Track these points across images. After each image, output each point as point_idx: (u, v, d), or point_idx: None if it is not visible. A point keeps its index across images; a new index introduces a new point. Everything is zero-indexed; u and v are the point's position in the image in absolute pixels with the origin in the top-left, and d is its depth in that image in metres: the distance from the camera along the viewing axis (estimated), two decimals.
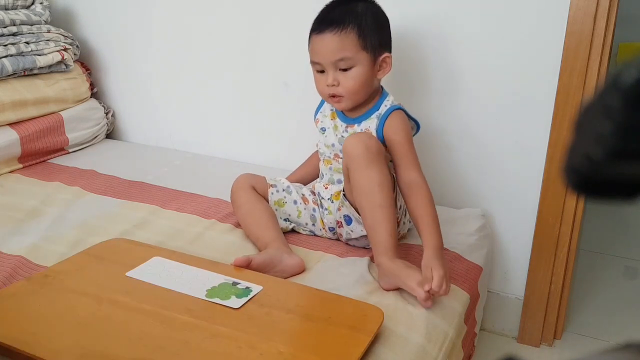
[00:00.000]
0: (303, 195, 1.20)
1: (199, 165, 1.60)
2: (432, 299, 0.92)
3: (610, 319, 1.51)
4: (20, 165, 1.56)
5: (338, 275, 1.05)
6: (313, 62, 1.09)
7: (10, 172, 1.53)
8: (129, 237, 1.13)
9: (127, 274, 0.93)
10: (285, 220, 1.19)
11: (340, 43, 1.04)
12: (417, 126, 1.16)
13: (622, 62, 0.28)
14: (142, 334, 0.79)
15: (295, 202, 1.19)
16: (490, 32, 1.26)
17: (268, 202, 1.19)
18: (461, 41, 1.30)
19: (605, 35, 1.16)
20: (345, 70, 1.06)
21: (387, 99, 1.12)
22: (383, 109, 1.11)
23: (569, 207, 1.28)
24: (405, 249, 1.15)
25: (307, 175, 1.28)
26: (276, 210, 1.18)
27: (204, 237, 1.18)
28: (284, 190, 1.20)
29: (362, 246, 1.16)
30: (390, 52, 1.12)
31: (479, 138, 1.34)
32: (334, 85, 1.07)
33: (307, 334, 0.80)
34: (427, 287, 0.90)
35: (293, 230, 1.21)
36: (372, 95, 1.12)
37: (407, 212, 1.15)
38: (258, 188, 1.20)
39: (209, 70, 1.65)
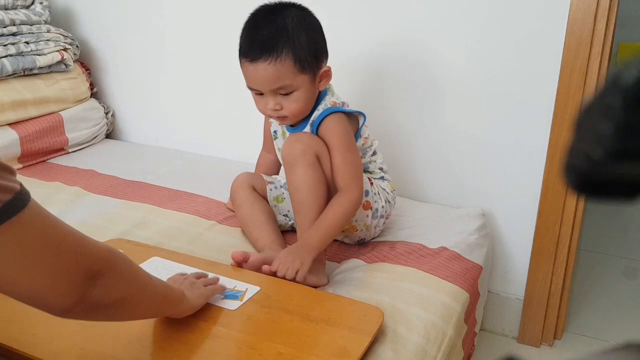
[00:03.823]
0: None
1: (199, 165, 1.60)
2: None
3: (610, 319, 1.51)
4: (20, 165, 1.56)
5: (337, 276, 1.05)
6: (250, 87, 1.04)
7: None
8: (129, 237, 1.13)
9: None
10: (284, 216, 1.19)
11: (276, 73, 0.98)
12: (364, 117, 1.12)
13: (622, 62, 0.28)
14: (142, 335, 0.79)
15: None
16: (491, 32, 1.26)
17: (267, 199, 1.19)
18: (462, 42, 1.30)
19: (605, 35, 1.16)
20: (286, 94, 1.01)
21: (321, 104, 1.07)
22: (316, 114, 1.07)
23: (570, 207, 1.28)
24: (380, 246, 1.16)
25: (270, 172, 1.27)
26: (275, 206, 1.18)
27: (204, 237, 1.18)
28: (281, 186, 1.20)
29: (354, 241, 1.16)
30: (327, 60, 1.06)
31: (479, 137, 1.34)
32: (276, 109, 1.03)
33: (307, 335, 0.80)
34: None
35: (293, 230, 1.21)
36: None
37: (385, 215, 1.15)
38: (257, 186, 1.20)
39: (208, 70, 1.65)
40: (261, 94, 1.03)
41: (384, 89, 1.41)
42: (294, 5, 1.04)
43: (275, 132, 1.17)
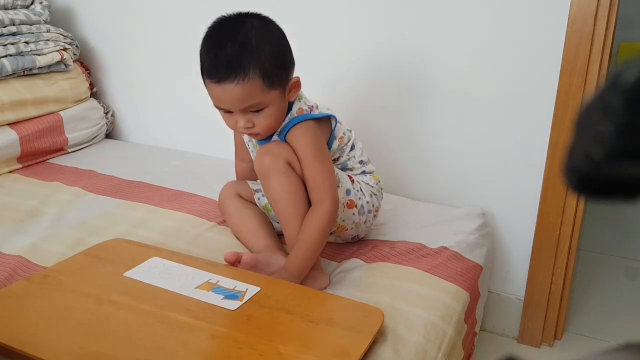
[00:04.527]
0: None
1: (199, 165, 1.60)
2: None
3: (610, 319, 1.51)
4: (20, 165, 1.55)
5: (337, 275, 1.05)
6: (217, 107, 1.01)
7: (10, 172, 1.53)
8: (129, 237, 1.13)
9: (125, 274, 0.93)
10: (277, 222, 1.18)
11: (244, 92, 0.94)
12: (335, 118, 1.09)
13: (622, 62, 0.28)
14: (142, 335, 0.79)
15: None
16: (491, 32, 1.26)
17: (257, 205, 1.19)
18: (462, 42, 1.30)
19: (605, 35, 1.16)
20: (257, 111, 0.98)
21: (291, 112, 1.05)
22: (282, 125, 1.04)
23: (570, 207, 1.28)
24: (380, 245, 1.16)
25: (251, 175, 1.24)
26: (266, 214, 1.18)
27: (204, 237, 1.18)
28: None
29: (348, 240, 1.16)
30: (294, 68, 1.03)
31: (479, 137, 1.34)
32: (248, 127, 1.00)
33: (307, 335, 0.80)
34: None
35: None
36: None
37: (374, 209, 1.14)
38: (244, 194, 1.19)
39: None
40: (230, 112, 1.00)
41: (382, 89, 1.41)
42: (254, 15, 1.00)
43: (247, 144, 1.16)
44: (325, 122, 1.08)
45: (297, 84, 1.03)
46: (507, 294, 1.42)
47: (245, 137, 1.16)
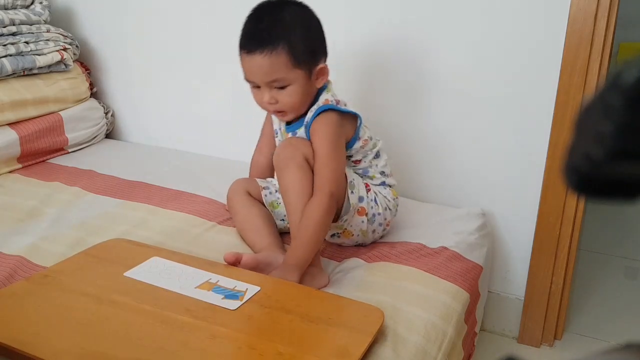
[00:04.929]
0: None
1: (199, 165, 1.60)
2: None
3: (610, 319, 1.51)
4: (20, 165, 1.55)
5: (337, 274, 1.05)
6: (247, 80, 1.06)
7: (10, 172, 1.53)
8: (129, 237, 1.13)
9: (126, 274, 0.93)
10: (282, 220, 1.19)
11: (271, 65, 1.00)
12: (359, 118, 1.11)
13: (622, 62, 0.28)
14: (142, 335, 0.79)
15: None
16: (491, 32, 1.26)
17: (264, 204, 1.19)
18: (462, 42, 1.30)
19: (605, 35, 1.16)
20: (281, 87, 1.03)
21: (317, 103, 1.08)
22: (309, 115, 1.07)
23: (570, 207, 1.28)
24: (380, 245, 1.16)
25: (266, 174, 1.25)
26: (272, 212, 1.18)
27: (204, 237, 1.18)
28: (276, 191, 1.19)
29: (351, 245, 1.16)
30: (325, 59, 1.08)
31: (479, 137, 1.34)
32: (271, 103, 1.05)
33: (307, 335, 0.80)
34: None
35: None
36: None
37: (385, 222, 1.15)
38: (253, 192, 1.20)
39: (208, 70, 1.65)
40: (258, 87, 1.05)
41: (382, 88, 1.41)
42: (295, 2, 1.07)
43: (276, 131, 1.18)
44: (351, 120, 1.10)
45: (325, 71, 1.07)
46: (507, 294, 1.42)
47: (275, 124, 1.17)
